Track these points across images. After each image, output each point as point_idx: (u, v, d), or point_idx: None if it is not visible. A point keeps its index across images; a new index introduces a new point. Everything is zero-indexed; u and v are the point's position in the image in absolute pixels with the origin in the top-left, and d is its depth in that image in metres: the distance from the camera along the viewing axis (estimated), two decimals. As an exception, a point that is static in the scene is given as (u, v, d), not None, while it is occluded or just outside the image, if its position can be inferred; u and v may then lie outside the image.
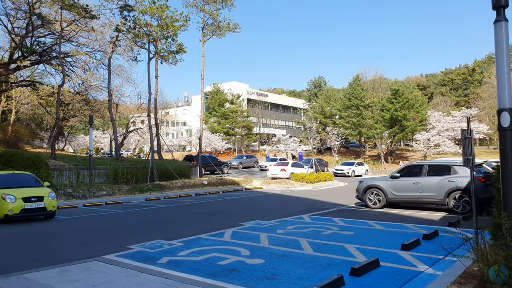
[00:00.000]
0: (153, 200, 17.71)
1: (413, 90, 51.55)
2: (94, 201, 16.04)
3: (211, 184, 23.10)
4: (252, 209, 14.02)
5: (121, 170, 20.52)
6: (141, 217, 12.38)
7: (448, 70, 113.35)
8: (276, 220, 10.87)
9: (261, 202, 16.48)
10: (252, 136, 67.73)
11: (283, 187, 23.49)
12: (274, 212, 13.03)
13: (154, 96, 27.56)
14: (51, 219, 11.72)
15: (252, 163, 44.26)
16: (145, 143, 66.83)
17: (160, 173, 23.40)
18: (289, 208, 14.18)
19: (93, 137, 71.34)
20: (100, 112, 35.16)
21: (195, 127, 77.86)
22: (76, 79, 31.37)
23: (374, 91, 60.52)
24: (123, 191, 18.91)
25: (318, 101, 60.83)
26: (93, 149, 67.08)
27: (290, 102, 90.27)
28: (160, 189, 20.35)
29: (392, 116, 49.02)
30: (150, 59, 24.15)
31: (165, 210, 14.01)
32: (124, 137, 31.13)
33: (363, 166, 36.61)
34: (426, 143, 47.81)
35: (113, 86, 33.11)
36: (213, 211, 13.60)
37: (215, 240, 8.10)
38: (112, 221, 11.62)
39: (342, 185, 26.09)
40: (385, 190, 13.21)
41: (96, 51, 32.53)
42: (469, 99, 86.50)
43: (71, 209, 14.52)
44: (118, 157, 25.46)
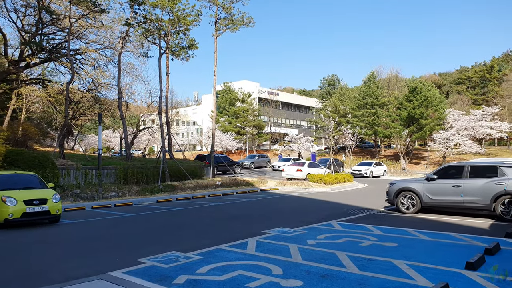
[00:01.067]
0: (164, 202, 16.70)
1: (431, 88, 49.82)
2: (102, 203, 15.08)
3: (224, 185, 22.04)
4: (272, 214, 12.88)
5: (131, 170, 19.56)
6: (152, 221, 11.34)
7: (464, 68, 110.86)
8: (302, 227, 9.71)
9: (280, 206, 15.33)
10: (263, 136, 66.60)
11: (300, 188, 22.31)
12: (297, 217, 11.87)
13: (165, 94, 26.59)
14: (55, 224, 10.74)
15: (265, 163, 43.14)
16: (156, 142, 66.16)
17: (172, 173, 22.42)
18: (313, 212, 13.01)
19: (103, 136, 71.27)
20: (110, 111, 34.38)
21: (205, 126, 77.05)
22: (86, 77, 30.60)
23: (389, 89, 58.88)
24: (133, 192, 17.94)
25: (331, 99, 59.37)
26: (103, 149, 66.80)
27: (302, 101, 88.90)
28: (172, 190, 19.35)
29: (410, 114, 47.40)
30: (161, 54, 23.16)
31: (177, 214, 12.96)
32: (135, 136, 30.27)
33: (381, 167, 35.19)
34: (445, 143, 46.10)
35: (123, 84, 32.24)
36: (230, 215, 12.50)
37: (238, 253, 6.99)
38: (121, 226, 10.58)
39: (362, 186, 24.81)
40: (420, 193, 11.96)
41: (106, 48, 31.74)
42: (487, 97, 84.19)
43: (78, 211, 13.57)
44: (128, 156, 24.56)
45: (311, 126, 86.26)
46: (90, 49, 30.33)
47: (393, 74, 61.71)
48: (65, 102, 23.21)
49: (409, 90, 49.57)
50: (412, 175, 34.36)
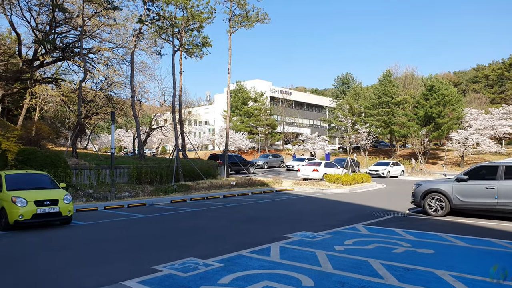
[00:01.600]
0: (179, 202, 16.25)
1: (449, 86, 48.53)
2: (115, 204, 14.69)
3: (239, 185, 21.52)
4: (291, 216, 12.29)
5: (145, 170, 19.17)
6: (167, 223, 10.86)
7: (480, 66, 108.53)
8: (327, 231, 9.11)
9: (298, 207, 14.73)
10: (275, 135, 65.94)
11: (317, 189, 21.65)
12: (319, 220, 11.26)
13: (178, 92, 26.22)
14: (67, 225, 10.34)
15: (278, 163, 42.51)
16: (168, 142, 66.09)
17: (185, 172, 22.00)
18: (334, 215, 12.38)
19: (116, 135, 71.47)
20: (123, 110, 34.19)
21: (217, 126, 76.72)
22: (99, 76, 30.46)
23: (405, 88, 57.65)
24: (147, 192, 17.55)
25: (346, 98, 58.39)
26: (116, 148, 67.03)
27: (315, 100, 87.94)
28: (186, 190, 18.91)
29: (427, 113, 46.22)
30: (174, 52, 22.74)
31: (193, 215, 12.47)
32: (148, 135, 29.99)
33: (399, 167, 34.25)
34: (464, 142, 44.83)
35: (136, 83, 32.02)
36: (248, 217, 11.95)
37: (262, 260, 6.43)
38: (134, 228, 10.12)
39: (380, 187, 24.03)
40: (449, 195, 11.23)
41: (119, 47, 31.58)
42: (505, 96, 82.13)
43: (90, 212, 13.19)
44: (141, 156, 24.23)
45: (324, 126, 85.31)
46: (103, 47, 30.19)
47: (409, 72, 60.38)
48: (78, 101, 22.98)
49: (426, 89, 48.37)
50: (431, 176, 33.38)
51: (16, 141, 17.52)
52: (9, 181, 10.04)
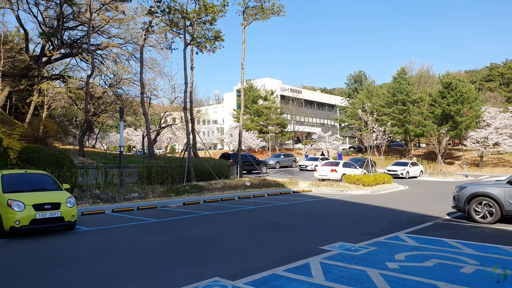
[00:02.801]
0: (192, 204, 15.11)
1: (466, 83, 46.81)
2: (124, 206, 13.59)
3: (253, 186, 20.30)
4: (319, 222, 11.05)
5: (155, 169, 18.07)
6: (182, 230, 9.70)
7: (494, 65, 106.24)
8: (367, 242, 7.86)
9: (323, 211, 13.49)
10: (286, 134, 64.63)
11: (337, 190, 20.37)
12: (352, 227, 10.02)
13: (189, 89, 25.14)
14: (70, 232, 9.22)
15: (290, 162, 41.24)
16: (177, 140, 65.13)
17: (197, 172, 20.87)
18: (367, 221, 11.12)
19: (125, 134, 70.67)
20: (132, 107, 33.17)
21: (227, 125, 75.68)
22: (107, 72, 29.49)
23: (419, 86, 55.95)
24: (157, 193, 16.44)
25: (359, 96, 56.87)
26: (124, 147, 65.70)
27: (325, 98, 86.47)
28: (199, 191, 17.77)
29: (444, 111, 44.57)
30: (186, 46, 21.61)
31: (209, 220, 11.29)
32: (158, 133, 28.92)
33: (418, 167, 32.80)
34: (483, 142, 43.12)
35: (145, 80, 31.03)
36: (270, 222, 10.73)
37: (304, 283, 5.20)
38: (146, 236, 8.96)
39: (403, 188, 22.67)
40: (500, 200, 9.90)
41: (127, 43, 30.62)
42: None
43: (97, 216, 12.09)
44: (151, 154, 23.15)
45: (334, 125, 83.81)
46: (111, 43, 29.20)
47: (424, 70, 58.64)
48: (85, 97, 21.98)
49: (443, 86, 46.73)
50: (452, 176, 31.89)
51: (20, 138, 16.55)
52: (5, 182, 8.95)
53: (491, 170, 43.23)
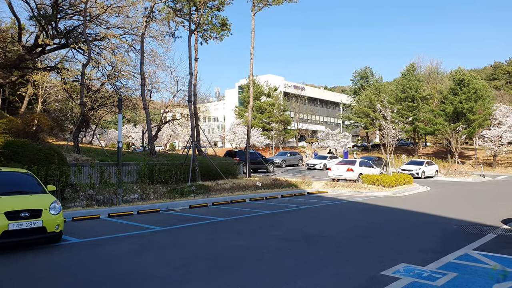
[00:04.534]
0: (199, 207, 13.32)
1: (480, 80, 45.05)
2: (122, 209, 11.79)
3: (264, 186, 18.51)
4: (357, 232, 9.25)
5: (158, 167, 16.25)
6: (194, 243, 7.89)
7: (498, 64, 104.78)
8: (437, 264, 6.07)
9: (353, 217, 11.70)
10: (290, 132, 62.81)
11: (355, 191, 18.60)
12: (401, 240, 8.22)
13: (194, 81, 23.36)
14: (54, 246, 7.40)
15: (296, 161, 39.47)
16: (177, 138, 63.38)
17: (202, 171, 19.08)
18: (413, 230, 9.34)
19: (124, 131, 68.75)
20: (131, 101, 31.27)
21: (229, 122, 73.87)
22: (105, 63, 27.58)
23: (429, 83, 54.16)
24: (159, 194, 14.66)
25: (366, 93, 55.03)
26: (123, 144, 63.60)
27: (329, 96, 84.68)
28: (205, 191, 15.99)
29: (456, 108, 42.78)
30: (191, 32, 19.77)
31: (224, 229, 9.49)
32: (159, 129, 27.09)
33: (433, 166, 31.08)
34: (497, 140, 41.39)
35: (146, 72, 29.18)
36: (300, 233, 8.92)
37: None
38: (150, 253, 7.12)
39: (424, 189, 20.91)
40: None
41: (127, 34, 28.73)
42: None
43: (90, 221, 10.29)
44: (152, 151, 21.35)
45: (338, 123, 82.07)
46: (110, 34, 27.32)
47: (434, 66, 56.83)
48: (80, 88, 20.15)
49: (455, 83, 44.90)
50: (470, 177, 30.15)
51: (4, 132, 14.75)
52: (-28, 183, 7.14)
53: (505, 170, 41.54)
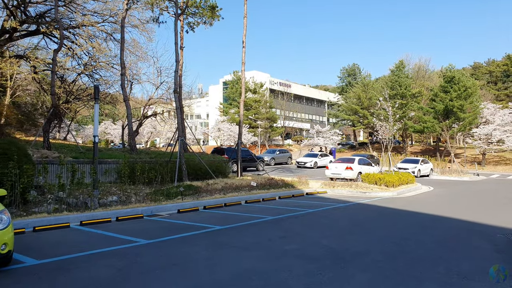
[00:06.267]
0: (189, 212, 11.48)
1: (470, 78, 44.53)
2: (98, 215, 9.85)
3: (259, 186, 16.76)
4: (388, 245, 7.60)
5: (140, 166, 14.26)
6: (190, 266, 6.06)
7: (478, 64, 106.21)
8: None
9: (373, 224, 10.08)
10: (276, 129, 61.27)
11: (357, 192, 17.08)
12: (452, 257, 6.62)
13: (179, 72, 21.42)
14: (1, 270, 5.46)
15: (286, 159, 37.93)
16: (159, 135, 60.86)
17: (190, 170, 17.20)
18: (452, 241, 7.76)
19: (103, 127, 65.70)
20: (110, 94, 28.94)
21: (213, 119, 71.80)
22: (80, 52, 25.22)
23: (417, 80, 53.49)
24: (142, 196, 12.70)
25: (354, 90, 53.95)
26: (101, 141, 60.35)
27: (314, 94, 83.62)
28: (194, 193, 14.13)
29: (447, 106, 42.06)
30: (177, 16, 17.80)
31: (224, 242, 7.66)
32: (140, 124, 24.92)
33: (428, 165, 30.01)
34: (487, 139, 40.89)
35: (127, 63, 26.95)
36: (322, 249, 7.18)
37: None
38: (133, 284, 5.27)
39: (428, 189, 19.61)
40: None
41: (106, 22, 26.43)
42: (510, 92, 79.34)
43: (57, 232, 8.33)
44: (133, 148, 19.29)
45: (323, 121, 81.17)
46: (86, 21, 24.97)
47: (422, 63, 56.27)
48: (51, 76, 17.89)
49: (445, 80, 44.23)
50: (466, 175, 29.17)
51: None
52: None
53: (494, 168, 41.11)
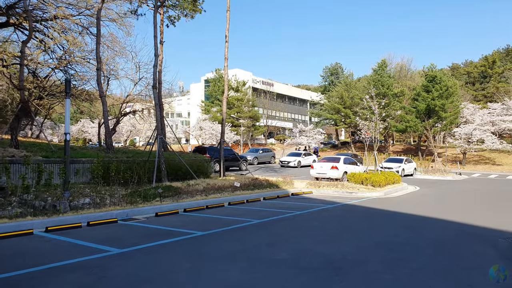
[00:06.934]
0: (168, 215, 10.65)
1: (451, 78, 44.98)
2: (66, 220, 8.94)
3: (242, 187, 16.02)
4: (385, 251, 7.01)
5: (116, 165, 13.32)
6: (169, 281, 5.29)
7: (456, 65, 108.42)
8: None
9: (364, 226, 9.50)
10: (259, 128, 60.64)
11: (344, 192, 16.58)
12: (457, 265, 6.06)
13: (159, 67, 20.50)
14: None
15: (269, 158, 37.32)
16: (138, 134, 59.37)
17: (170, 169, 16.32)
18: (452, 246, 7.22)
19: (80, 126, 63.49)
20: (86, 91, 27.60)
21: (194, 117, 70.66)
22: (53, 45, 23.89)
23: (400, 80, 53.79)
24: (118, 198, 11.78)
25: (337, 89, 53.81)
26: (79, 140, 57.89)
27: (297, 93, 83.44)
28: (174, 194, 13.28)
29: (429, 106, 42.29)
30: (157, 7, 16.88)
31: (207, 251, 6.90)
32: (118, 121, 23.75)
33: (412, 164, 29.93)
34: (467, 138, 41.32)
35: (103, 58, 25.74)
36: (316, 258, 6.53)
37: None
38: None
39: (414, 189, 19.30)
40: None
41: (82, 15, 25.15)
42: (487, 93, 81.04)
43: (16, 240, 7.40)
44: (109, 146, 18.24)
45: (305, 120, 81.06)
46: (60, 13, 23.67)
47: (404, 63, 56.61)
48: (20, 69, 16.68)
49: (427, 80, 44.51)
50: (449, 174, 29.20)
51: None
52: None
53: (474, 168, 41.57)
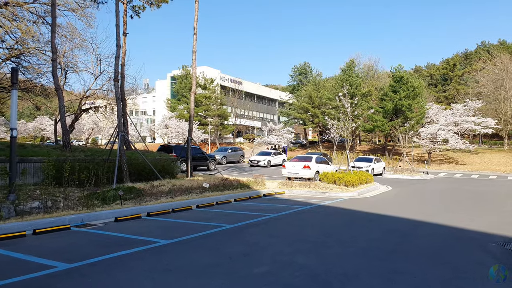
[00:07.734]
0: (129, 220, 9.56)
1: (417, 78, 45.89)
2: (8, 228, 7.69)
3: (212, 188, 15.06)
4: (374, 261, 6.35)
5: (70, 164, 11.99)
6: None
7: (418, 67, 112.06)
8: None
9: (345, 231, 8.85)
10: (227, 127, 59.59)
11: (317, 192, 16.02)
12: (456, 277, 5.46)
13: (121, 60, 19.17)
14: None
15: (238, 157, 36.47)
16: (100, 132, 56.73)
17: (132, 169, 15.11)
18: (444, 253, 6.69)
19: (37, 123, 59.87)
20: (42, 85, 25.58)
21: (160, 115, 68.52)
22: (3, 34, 21.86)
23: (367, 80, 54.45)
24: (73, 201, 10.52)
25: (306, 88, 53.71)
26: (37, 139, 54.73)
27: (266, 92, 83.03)
28: (137, 196, 12.14)
29: (396, 106, 42.93)
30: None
31: (174, 264, 5.95)
32: (76, 118, 22.00)
33: (381, 163, 30.02)
34: (432, 138, 42.28)
35: (61, 50, 23.92)
36: (299, 272, 5.73)
37: None
38: None
39: (386, 189, 19.08)
40: None
41: (37, 3, 23.23)
42: (448, 94, 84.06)
43: None
44: (66, 144, 16.70)
45: (274, 119, 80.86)
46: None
47: (371, 63, 57.46)
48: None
49: (394, 80, 45.18)
50: (417, 174, 29.54)
51: None
52: None
53: (439, 167, 42.61)
